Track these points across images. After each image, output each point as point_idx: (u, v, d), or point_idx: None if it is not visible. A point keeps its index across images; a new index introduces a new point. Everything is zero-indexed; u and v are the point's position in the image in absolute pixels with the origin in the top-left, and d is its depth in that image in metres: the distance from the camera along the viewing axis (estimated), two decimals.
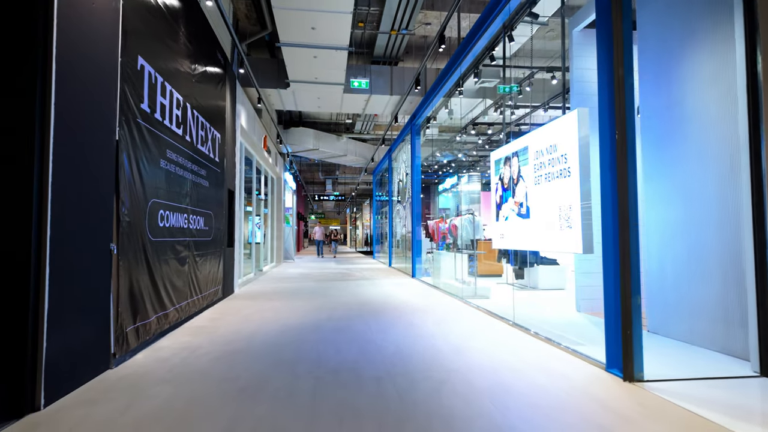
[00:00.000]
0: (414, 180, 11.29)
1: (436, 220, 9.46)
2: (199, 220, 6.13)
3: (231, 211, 8.35)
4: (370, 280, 10.60)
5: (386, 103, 11.49)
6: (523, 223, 5.35)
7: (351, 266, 15.62)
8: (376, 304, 6.96)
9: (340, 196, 31.94)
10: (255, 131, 10.97)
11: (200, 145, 6.21)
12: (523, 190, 5.33)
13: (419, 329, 5.10)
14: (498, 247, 6.13)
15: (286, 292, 8.55)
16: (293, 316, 5.97)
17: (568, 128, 4.41)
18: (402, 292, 8.35)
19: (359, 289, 8.81)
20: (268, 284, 9.90)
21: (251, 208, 12.29)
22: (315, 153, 17.31)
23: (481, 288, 7.45)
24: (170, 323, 4.99)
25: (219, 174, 7.25)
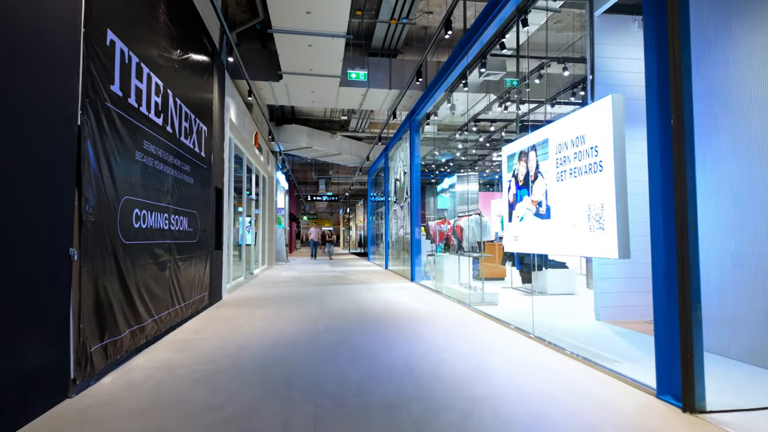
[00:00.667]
0: (413, 179, 10.76)
1: (437, 221, 8.94)
2: (182, 220, 5.55)
3: (219, 211, 7.76)
4: (367, 284, 10.05)
5: (384, 98, 10.95)
6: (541, 224, 4.84)
7: (346, 269, 15.06)
8: (377, 311, 6.41)
9: (333, 196, 31.32)
10: (245, 127, 10.37)
11: (184, 137, 5.63)
12: (542, 187, 4.83)
13: (428, 342, 4.57)
14: (511, 250, 5.62)
15: (279, 297, 7.98)
16: (287, 326, 5.40)
17: (599, 117, 3.91)
18: (403, 298, 7.82)
19: (357, 295, 8.26)
20: (259, 289, 9.31)
21: (242, 209, 11.68)
22: (308, 151, 16.73)
23: (489, 294, 6.94)
24: (147, 337, 4.40)
25: (205, 170, 6.67)
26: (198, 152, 6.26)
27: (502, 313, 6.13)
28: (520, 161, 5.35)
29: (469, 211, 7.37)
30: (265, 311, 6.49)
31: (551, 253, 4.91)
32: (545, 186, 4.78)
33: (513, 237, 5.53)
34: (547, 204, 4.74)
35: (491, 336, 4.87)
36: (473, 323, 5.55)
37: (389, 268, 14.53)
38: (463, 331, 5.10)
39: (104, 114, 3.54)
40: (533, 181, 5.05)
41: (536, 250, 5.02)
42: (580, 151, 4.16)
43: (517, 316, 6.02)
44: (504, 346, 4.41)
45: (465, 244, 7.34)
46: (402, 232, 12.67)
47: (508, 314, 6.09)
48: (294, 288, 9.44)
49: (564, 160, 4.43)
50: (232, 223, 10.03)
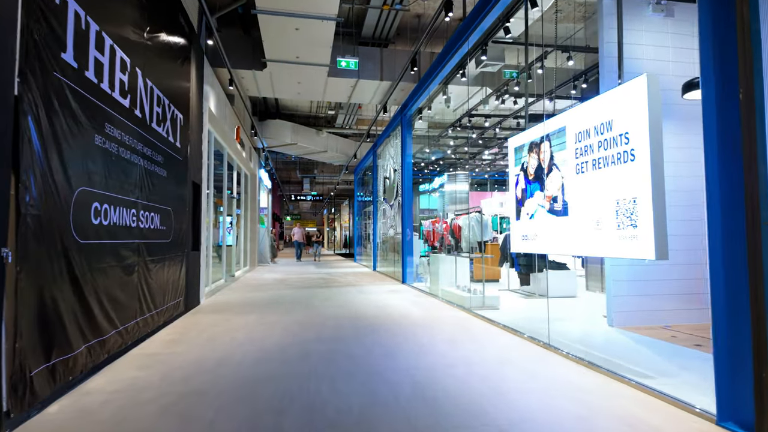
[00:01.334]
0: (404, 177, 10.26)
1: (431, 220, 8.46)
2: (153, 217, 4.93)
3: (196, 209, 7.12)
4: (356, 287, 9.50)
5: (375, 90, 10.42)
6: (557, 221, 4.39)
7: (332, 270, 14.47)
8: (371, 317, 5.88)
9: (318, 196, 30.63)
10: (226, 119, 9.73)
11: (156, 124, 5.01)
12: (558, 181, 4.37)
13: (434, 354, 4.06)
14: (520, 250, 5.16)
15: (262, 302, 7.37)
16: (272, 336, 4.83)
17: (631, 100, 3.46)
18: (397, 302, 7.30)
19: (347, 298, 7.71)
20: (240, 293, 8.68)
21: (222, 208, 11.01)
22: (293, 148, 16.09)
23: (489, 297, 6.47)
24: (110, 352, 3.79)
25: (181, 163, 6.04)
26: (172, 142, 5.64)
27: (506, 318, 5.67)
28: (531, 153, 4.89)
29: (468, 209, 6.90)
30: (247, 318, 5.90)
31: (570, 254, 4.47)
32: (561, 179, 4.33)
33: (521, 236, 5.07)
34: (564, 199, 4.29)
35: (502, 345, 4.39)
36: (479, 330, 5.06)
37: (378, 270, 14.00)
38: (469, 339, 4.61)
39: (53, 87, 2.93)
40: (547, 174, 4.60)
41: (550, 251, 4.56)
42: (607, 140, 3.71)
43: (522, 321, 5.57)
44: (519, 358, 3.93)
45: (464, 244, 6.87)
46: (392, 232, 12.16)
47: (512, 319, 5.63)
48: (278, 291, 8.83)
49: (585, 150, 3.98)
50: (211, 222, 9.38)
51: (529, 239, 4.91)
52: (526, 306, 6.84)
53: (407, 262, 10.05)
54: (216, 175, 10.68)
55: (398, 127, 10.86)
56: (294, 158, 22.70)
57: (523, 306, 6.83)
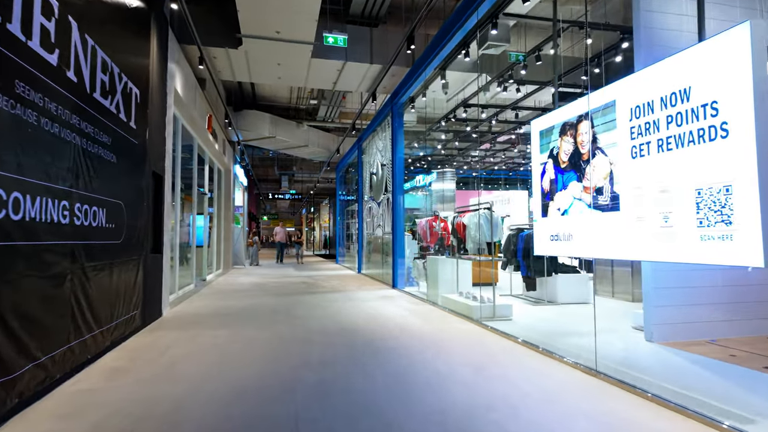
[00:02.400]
0: (395, 172, 9.40)
1: (428, 219, 7.62)
2: (97, 212, 3.90)
3: (158, 204, 6.07)
4: (343, 293, 8.57)
5: (363, 75, 9.51)
6: (602, 218, 3.58)
7: (314, 273, 13.47)
8: (366, 331, 4.98)
9: (296, 194, 29.43)
10: (196, 105, 8.65)
11: (101, 95, 3.98)
12: (604, 168, 3.57)
13: (457, 388, 3.19)
14: (549, 253, 4.35)
15: (237, 313, 6.37)
16: (248, 360, 3.87)
17: (722, 59, 2.67)
18: (392, 311, 6.41)
19: (334, 307, 6.78)
20: (211, 300, 7.63)
21: (192, 205, 9.89)
22: (271, 142, 14.99)
23: (500, 306, 5.66)
24: (23, 394, 2.78)
25: (137, 148, 5.00)
26: (125, 121, 4.60)
27: (524, 332, 4.86)
28: (564, 136, 4.08)
29: (476, 205, 6.07)
30: (217, 335, 4.90)
31: (622, 258, 3.69)
32: (609, 166, 3.52)
33: (549, 236, 4.25)
34: (613, 191, 3.48)
35: (539, 372, 3.55)
36: (499, 350, 4.22)
37: (363, 272, 13.08)
38: (493, 363, 3.75)
39: None
40: (587, 160, 3.79)
41: (592, 255, 3.75)
42: (681, 113, 2.91)
43: (544, 336, 4.77)
44: (569, 393, 3.10)
45: (470, 245, 6.05)
46: (380, 231, 11.27)
47: (531, 333, 4.83)
48: (255, 299, 7.82)
49: (646, 128, 3.18)
50: (178, 219, 8.29)
51: (560, 240, 4.10)
52: (539, 315, 6.05)
53: (398, 265, 9.17)
54: (186, 170, 9.59)
55: (388, 117, 9.97)
56: (272, 154, 21.55)
57: (536, 315, 6.04)
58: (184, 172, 9.54)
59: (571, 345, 4.33)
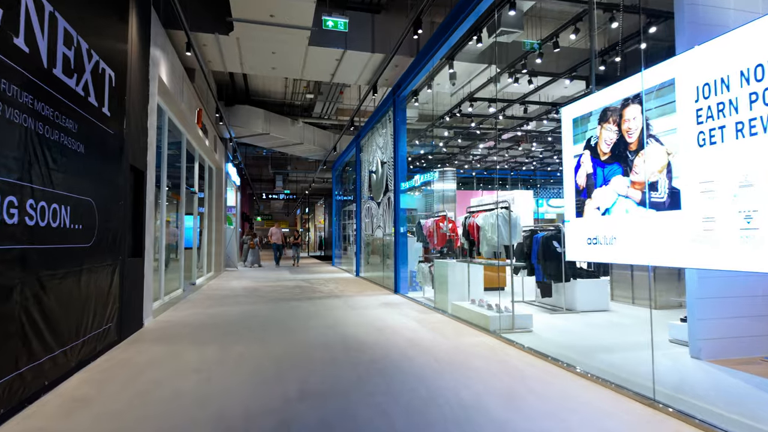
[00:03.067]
0: (397, 169, 8.84)
1: (435, 219, 7.05)
2: (58, 211, 3.30)
3: (138, 202, 5.47)
4: (342, 298, 7.99)
5: (364, 64, 8.92)
6: (657, 218, 3.03)
7: (310, 276, 12.86)
8: (373, 347, 4.40)
9: (291, 195, 28.77)
10: (184, 97, 8.04)
11: (64, 73, 3.38)
12: (660, 159, 3.02)
13: (489, 426, 2.62)
14: (585, 259, 3.81)
15: (227, 323, 5.77)
16: (235, 387, 3.28)
17: None
18: (398, 320, 5.85)
19: (335, 316, 6.20)
20: (200, 308, 7.01)
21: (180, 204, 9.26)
22: (264, 139, 14.37)
23: (520, 316, 5.11)
24: None
25: (112, 138, 4.39)
26: (96, 106, 3.99)
27: (551, 346, 4.32)
28: (605, 123, 3.53)
29: (493, 204, 5.51)
30: (203, 352, 4.30)
31: (687, 266, 3.14)
32: (666, 157, 2.97)
33: (586, 239, 3.70)
34: (671, 186, 2.94)
35: (587, 404, 2.99)
36: (531, 373, 3.65)
37: (362, 276, 12.50)
38: (527, 391, 3.19)
39: None
40: (635, 151, 3.24)
41: (646, 261, 3.19)
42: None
43: (573, 351, 4.23)
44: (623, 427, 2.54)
45: (485, 248, 5.49)
46: (379, 233, 10.70)
47: (560, 348, 4.28)
48: (248, 306, 7.21)
49: (720, 110, 2.63)
50: (164, 219, 7.68)
51: (600, 244, 3.55)
52: (561, 326, 5.51)
53: (401, 269, 8.61)
54: (174, 168, 8.98)
55: (389, 111, 9.41)
56: (266, 152, 20.93)
57: (558, 326, 5.50)
58: (172, 170, 8.93)
59: (612, 364, 3.78)
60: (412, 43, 8.16)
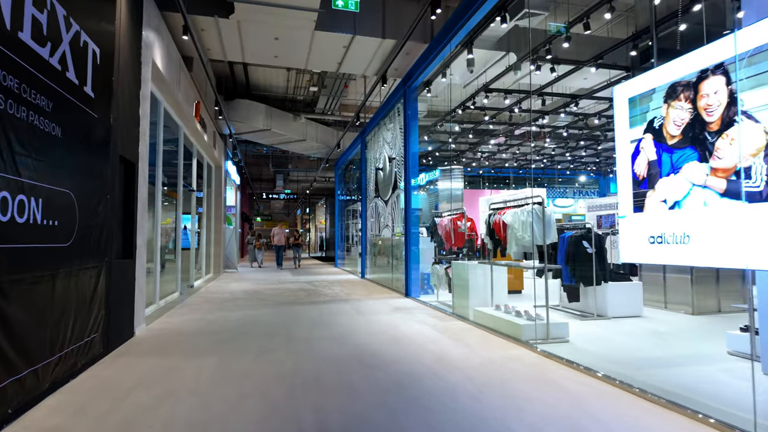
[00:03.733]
0: (408, 164, 8.31)
1: (452, 216, 6.52)
2: (26, 204, 2.76)
3: (130, 198, 4.93)
4: (350, 302, 7.45)
5: (373, 53, 8.39)
6: (750, 212, 2.50)
7: (313, 278, 12.32)
8: (394, 365, 3.87)
9: (291, 194, 28.22)
10: (181, 87, 7.51)
11: (31, 38, 2.85)
12: (756, 139, 2.49)
13: None
14: (647, 261, 3.28)
15: (226, 331, 5.23)
16: (237, 418, 2.74)
17: None
18: (415, 329, 5.31)
19: (343, 322, 5.67)
20: (198, 313, 6.47)
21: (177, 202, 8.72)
22: (265, 136, 13.84)
23: (554, 325, 4.57)
24: None
25: (97, 123, 3.85)
26: (75, 83, 3.46)
27: (595, 360, 3.80)
28: (673, 101, 3.00)
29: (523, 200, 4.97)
30: (200, 367, 3.76)
31: None
32: (765, 137, 2.44)
33: (648, 238, 3.16)
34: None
35: None
36: (587, 395, 3.11)
37: (368, 277, 11.95)
38: (593, 421, 2.65)
39: None
40: (716, 131, 2.71)
41: (741, 263, 2.65)
42: None
43: (624, 366, 3.70)
44: None
45: (514, 249, 4.95)
46: (387, 232, 10.18)
47: (605, 363, 3.76)
48: (250, 311, 6.68)
49: None
50: (159, 218, 7.15)
51: (666, 243, 3.01)
52: (598, 335, 4.98)
53: (412, 270, 8.07)
54: (172, 164, 8.44)
55: (398, 104, 8.88)
56: (266, 150, 20.38)
57: (594, 335, 4.97)
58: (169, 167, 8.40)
59: (669, 381, 3.25)
60: (426, 27, 7.63)
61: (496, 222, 5.19)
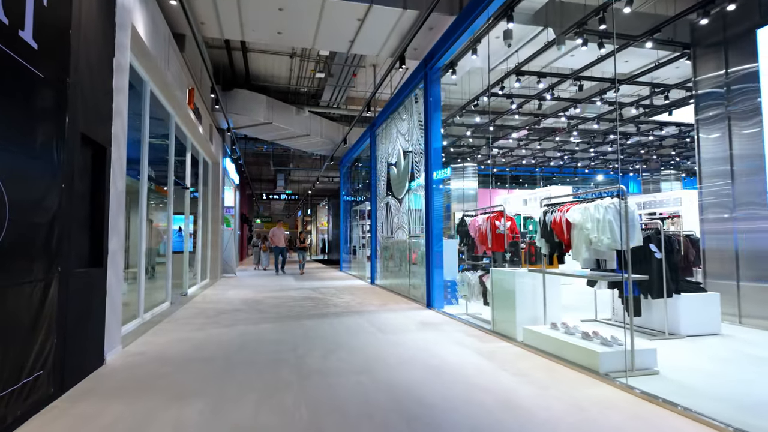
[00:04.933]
0: (430, 157, 7.32)
1: (488, 216, 5.51)
2: None
3: (98, 191, 3.92)
4: (365, 316, 6.44)
5: (391, 28, 7.37)
6: None
7: (318, 284, 11.29)
8: (443, 409, 2.87)
9: (293, 195, 27.16)
10: (171, 66, 6.51)
11: None
12: None
13: None
14: None
15: (220, 357, 4.21)
16: None
17: None
18: (455, 355, 4.31)
19: (364, 344, 4.66)
20: (188, 330, 5.46)
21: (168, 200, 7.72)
22: (266, 130, 12.83)
23: (639, 352, 3.56)
24: None
25: (40, 84, 2.84)
26: (4, 23, 2.45)
27: (706, 403, 2.79)
28: None
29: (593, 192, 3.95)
30: (181, 418, 2.75)
31: None
32: None
33: None
34: None
35: None
36: None
37: (378, 283, 10.93)
38: None
39: None
40: None
41: None
42: None
43: (748, 414, 2.69)
44: None
45: (585, 254, 3.94)
46: (402, 234, 9.18)
47: (726, 409, 2.75)
48: (249, 326, 5.66)
49: None
50: (144, 217, 6.15)
51: None
52: (684, 361, 3.97)
53: (435, 277, 7.06)
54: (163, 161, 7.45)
55: (417, 89, 7.90)
56: (266, 149, 19.39)
57: (680, 361, 3.95)
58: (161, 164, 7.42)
59: None
60: None
61: (555, 221, 4.18)
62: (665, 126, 12.73)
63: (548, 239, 4.34)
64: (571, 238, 4.01)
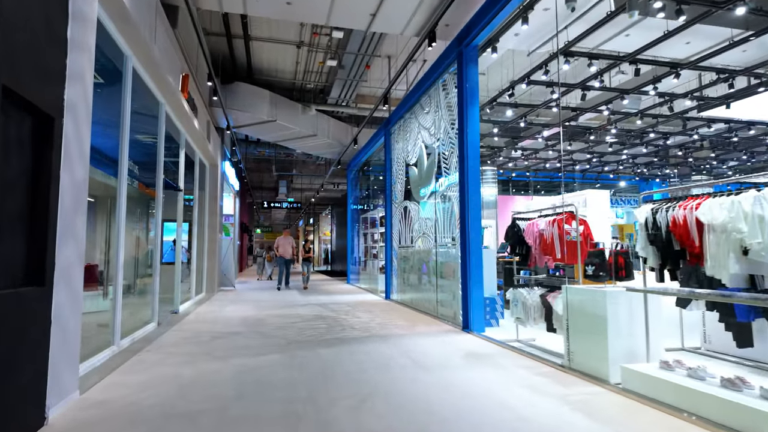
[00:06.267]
0: (467, 149, 6.21)
1: (555, 218, 4.37)
2: None
3: (41, 179, 2.78)
4: (391, 342, 5.26)
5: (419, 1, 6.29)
6: None
7: (327, 299, 10.08)
8: None
9: (295, 203, 26.02)
10: (158, 40, 5.42)
11: None
12: None
13: None
14: None
15: (208, 410, 3.04)
16: None
17: None
18: (527, 400, 3.15)
19: (405, 390, 3.49)
20: (172, 363, 4.27)
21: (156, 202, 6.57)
22: (270, 129, 11.74)
23: None
24: None
25: None
26: None
27: None
28: None
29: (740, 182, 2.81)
30: None
31: None
32: None
33: None
34: None
35: None
36: None
37: (395, 299, 9.73)
38: None
39: None
40: None
41: None
42: None
43: None
44: None
45: (733, 267, 2.79)
46: (424, 242, 8.04)
47: None
48: (248, 358, 4.48)
49: None
50: (123, 222, 5.01)
51: None
52: None
53: (473, 293, 5.90)
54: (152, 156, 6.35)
55: (447, 72, 6.82)
56: (268, 153, 18.31)
57: None
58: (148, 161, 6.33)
59: None
60: None
61: (676, 222, 3.03)
62: (714, 123, 11.63)
63: (661, 247, 3.18)
64: (705, 244, 2.85)
